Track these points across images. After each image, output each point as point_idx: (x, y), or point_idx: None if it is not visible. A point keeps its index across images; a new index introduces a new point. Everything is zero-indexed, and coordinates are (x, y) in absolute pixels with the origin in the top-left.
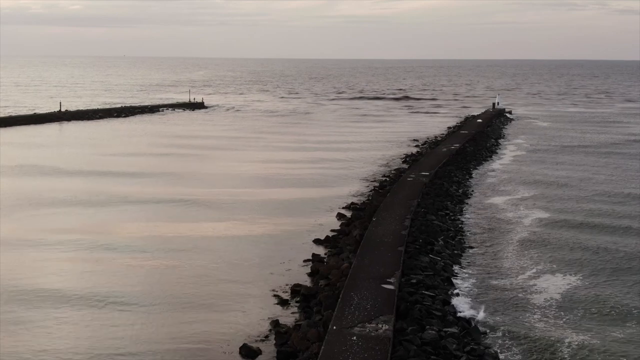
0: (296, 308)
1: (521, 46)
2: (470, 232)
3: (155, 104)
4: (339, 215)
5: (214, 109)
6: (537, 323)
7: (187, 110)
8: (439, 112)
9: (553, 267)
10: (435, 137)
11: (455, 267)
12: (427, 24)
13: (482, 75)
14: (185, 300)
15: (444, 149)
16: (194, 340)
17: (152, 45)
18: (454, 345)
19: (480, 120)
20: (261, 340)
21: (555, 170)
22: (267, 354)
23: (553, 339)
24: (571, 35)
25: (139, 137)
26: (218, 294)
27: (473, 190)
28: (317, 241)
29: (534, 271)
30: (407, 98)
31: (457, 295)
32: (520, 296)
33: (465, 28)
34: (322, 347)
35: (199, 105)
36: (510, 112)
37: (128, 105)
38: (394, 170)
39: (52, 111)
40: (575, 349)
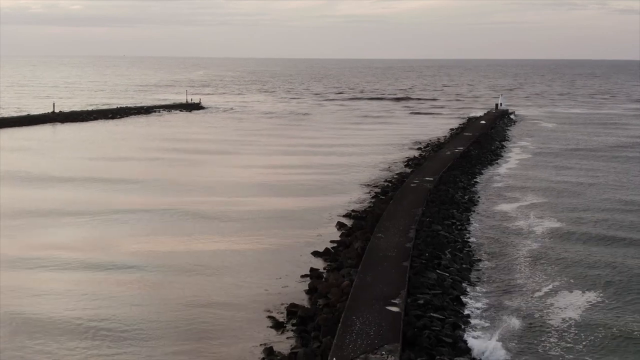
0: (292, 332)
1: (521, 46)
2: (478, 244)
3: (152, 104)
4: (339, 225)
5: (211, 110)
6: (554, 349)
7: (184, 111)
8: (441, 113)
9: (570, 282)
10: (438, 140)
11: (465, 284)
12: (425, 23)
13: (482, 75)
14: (172, 326)
15: (448, 152)
16: None
17: (152, 45)
18: None
19: (483, 122)
20: None
21: (563, 175)
22: None
23: None
24: (571, 35)
25: (132, 140)
26: (209, 317)
27: (479, 197)
28: (315, 253)
29: (549, 288)
30: (408, 98)
31: (467, 317)
32: (536, 316)
33: (464, 28)
34: None
35: (196, 106)
36: (513, 113)
37: (123, 106)
38: (397, 174)
39: (46, 112)
40: None
